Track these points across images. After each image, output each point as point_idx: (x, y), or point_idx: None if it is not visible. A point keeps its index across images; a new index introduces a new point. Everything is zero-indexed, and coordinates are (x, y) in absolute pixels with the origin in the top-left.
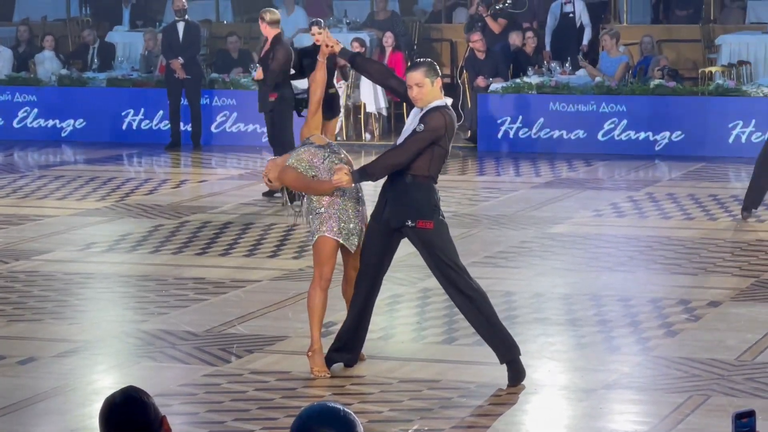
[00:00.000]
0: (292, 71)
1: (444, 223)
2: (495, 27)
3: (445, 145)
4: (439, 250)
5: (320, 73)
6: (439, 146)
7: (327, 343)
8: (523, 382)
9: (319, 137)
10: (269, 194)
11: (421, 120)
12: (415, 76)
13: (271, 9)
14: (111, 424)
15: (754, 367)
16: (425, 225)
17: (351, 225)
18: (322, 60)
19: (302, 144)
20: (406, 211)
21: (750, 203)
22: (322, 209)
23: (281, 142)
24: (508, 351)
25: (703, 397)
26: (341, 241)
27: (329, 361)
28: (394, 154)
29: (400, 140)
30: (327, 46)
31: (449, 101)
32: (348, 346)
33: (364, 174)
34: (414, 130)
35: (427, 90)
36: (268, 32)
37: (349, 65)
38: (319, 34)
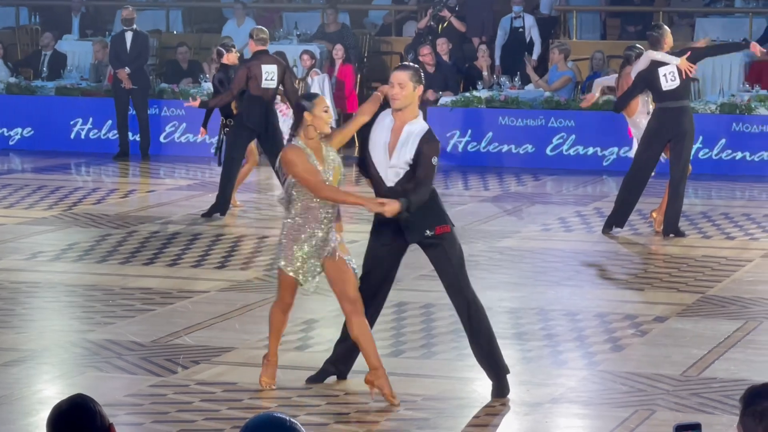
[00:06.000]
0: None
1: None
2: (461, 27)
3: None
4: (455, 256)
5: (371, 106)
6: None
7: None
8: (470, 396)
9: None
10: (209, 215)
11: (429, 149)
12: (400, 76)
13: (260, 27)
14: (57, 431)
15: (700, 383)
16: (443, 229)
17: (313, 265)
18: (379, 94)
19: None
20: (422, 222)
21: (614, 222)
22: (290, 241)
23: (230, 158)
24: (500, 369)
25: (648, 411)
26: (300, 280)
27: (324, 373)
28: (427, 188)
29: (378, 150)
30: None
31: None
32: (342, 359)
33: (410, 207)
34: (432, 163)
35: (408, 92)
36: (252, 48)
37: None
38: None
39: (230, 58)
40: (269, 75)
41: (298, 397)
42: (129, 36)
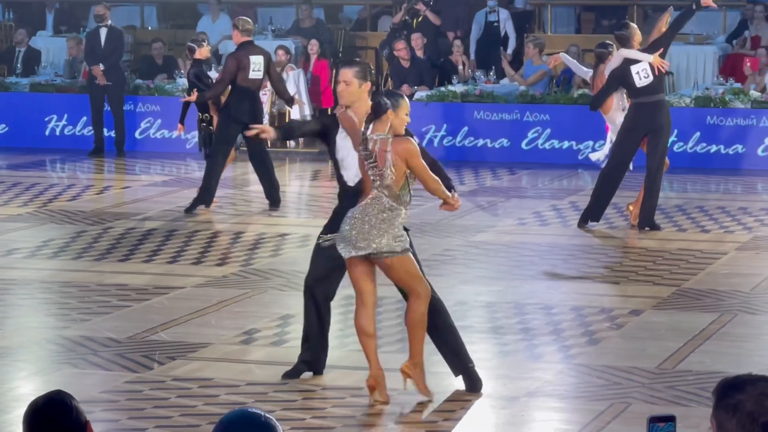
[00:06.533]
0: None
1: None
2: (436, 20)
3: None
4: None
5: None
6: None
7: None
8: (449, 389)
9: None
10: (191, 209)
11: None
12: (345, 74)
13: (244, 18)
14: (32, 426)
15: (675, 375)
16: None
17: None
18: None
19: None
20: None
21: (590, 216)
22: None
23: (217, 150)
24: (462, 361)
25: (624, 404)
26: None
27: (299, 369)
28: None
29: (349, 152)
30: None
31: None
32: (312, 357)
33: None
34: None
35: (353, 89)
36: (238, 39)
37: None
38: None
39: (202, 52)
40: (256, 66)
41: (274, 392)
42: (104, 32)
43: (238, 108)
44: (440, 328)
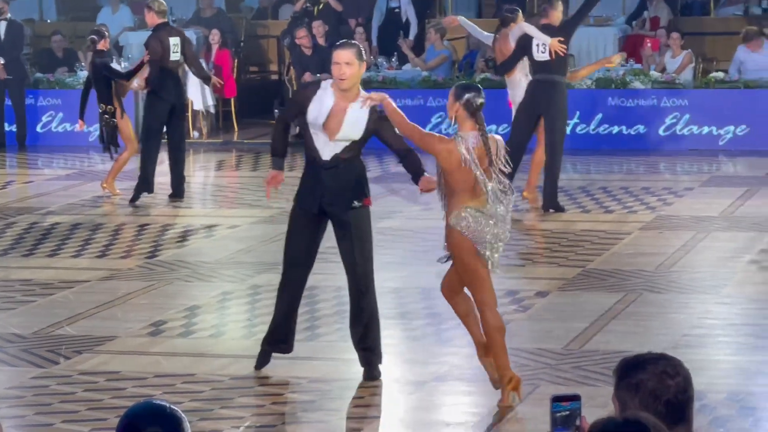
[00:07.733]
0: None
1: None
2: (338, 6)
3: None
4: (368, 232)
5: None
6: None
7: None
8: (360, 377)
9: None
10: (135, 199)
11: (386, 123)
12: (345, 55)
13: (159, 0)
14: None
15: (582, 356)
16: (368, 202)
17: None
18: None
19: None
20: (351, 194)
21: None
22: None
23: (148, 134)
24: (375, 358)
25: (531, 386)
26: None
27: (266, 355)
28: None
29: (317, 129)
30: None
31: None
32: (282, 337)
33: None
34: (398, 132)
35: (355, 71)
36: (153, 21)
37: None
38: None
39: (106, 44)
40: (175, 48)
41: (182, 383)
42: (2, 26)
43: (164, 89)
44: (360, 319)
